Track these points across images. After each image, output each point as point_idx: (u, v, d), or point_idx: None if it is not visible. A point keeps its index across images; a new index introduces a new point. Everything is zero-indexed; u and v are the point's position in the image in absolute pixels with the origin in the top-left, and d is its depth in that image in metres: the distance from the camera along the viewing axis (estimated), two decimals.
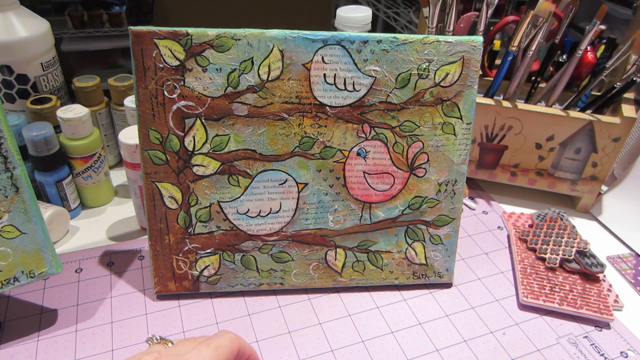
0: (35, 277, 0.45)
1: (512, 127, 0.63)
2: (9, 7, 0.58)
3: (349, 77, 0.46)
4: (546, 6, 0.57)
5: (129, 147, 0.52)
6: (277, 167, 0.47)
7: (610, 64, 0.61)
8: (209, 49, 0.44)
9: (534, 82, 0.66)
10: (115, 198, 0.65)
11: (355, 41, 0.45)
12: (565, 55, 0.68)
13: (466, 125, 0.49)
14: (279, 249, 0.50)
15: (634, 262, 0.60)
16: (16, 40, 0.58)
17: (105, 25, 1.75)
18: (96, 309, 0.49)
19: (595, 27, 0.58)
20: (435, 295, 0.53)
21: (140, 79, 0.44)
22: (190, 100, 0.45)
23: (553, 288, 0.53)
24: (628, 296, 0.55)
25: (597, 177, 0.65)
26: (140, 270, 0.54)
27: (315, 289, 0.52)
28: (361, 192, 0.49)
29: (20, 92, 0.61)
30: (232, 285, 0.51)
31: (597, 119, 0.60)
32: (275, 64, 0.45)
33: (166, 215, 0.48)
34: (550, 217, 0.61)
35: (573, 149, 0.63)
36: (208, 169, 0.47)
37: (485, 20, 0.60)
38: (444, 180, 0.50)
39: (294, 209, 0.49)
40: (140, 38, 0.43)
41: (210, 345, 0.32)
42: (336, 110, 0.47)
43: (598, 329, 0.51)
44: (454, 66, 0.47)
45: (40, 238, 0.44)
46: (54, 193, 0.58)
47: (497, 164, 0.67)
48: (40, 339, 0.46)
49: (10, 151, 0.41)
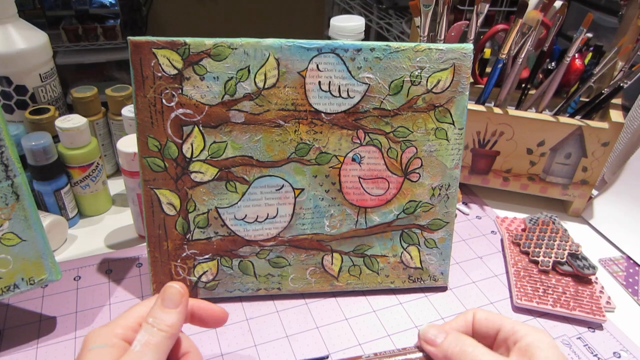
0: (35, 284, 0.45)
1: (504, 133, 0.65)
2: (8, 20, 0.59)
3: (343, 84, 0.47)
4: (534, 15, 0.59)
5: (127, 155, 0.53)
6: (273, 173, 0.48)
7: (597, 71, 0.62)
8: (207, 57, 0.45)
9: (524, 88, 0.67)
10: (112, 207, 0.66)
11: (349, 49, 0.46)
12: (553, 63, 0.70)
13: (458, 130, 0.50)
14: (276, 254, 0.51)
15: (625, 264, 0.61)
16: (15, 52, 0.59)
17: (99, 39, 1.76)
18: (95, 315, 0.50)
19: (582, 34, 0.59)
20: (431, 298, 0.54)
21: (138, 87, 0.45)
22: (188, 108, 0.46)
23: (546, 290, 0.54)
24: (620, 298, 0.56)
25: (587, 182, 0.66)
26: (139, 277, 0.54)
27: (312, 294, 0.53)
28: (357, 197, 0.50)
29: (19, 102, 0.62)
30: (230, 290, 0.51)
31: (586, 125, 0.62)
32: (271, 72, 0.46)
33: (164, 221, 0.48)
34: (543, 221, 0.62)
35: (563, 154, 0.64)
36: (206, 175, 0.47)
37: (476, 29, 0.62)
38: (437, 184, 0.51)
39: (290, 214, 0.50)
40: (139, 48, 0.44)
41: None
42: (331, 117, 0.48)
43: (591, 330, 0.51)
44: (445, 73, 0.48)
45: (40, 245, 0.44)
46: (52, 202, 0.58)
47: (490, 169, 0.68)
48: (40, 346, 0.46)
49: (11, 159, 0.42)
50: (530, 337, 0.38)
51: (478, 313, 0.41)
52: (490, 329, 0.40)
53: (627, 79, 0.60)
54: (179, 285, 0.37)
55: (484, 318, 0.40)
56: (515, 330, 0.38)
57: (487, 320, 0.40)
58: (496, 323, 0.40)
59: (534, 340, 0.37)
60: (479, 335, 0.41)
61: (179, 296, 0.36)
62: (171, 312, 0.36)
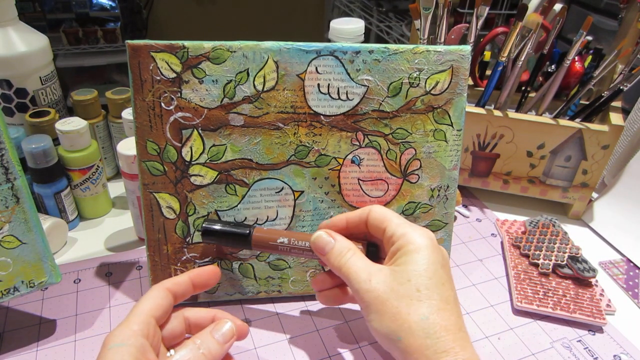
0: (35, 286, 0.45)
1: (504, 136, 0.65)
2: (8, 23, 0.59)
3: (342, 86, 0.47)
4: (534, 18, 0.59)
5: (127, 158, 0.53)
6: (273, 176, 0.48)
7: (597, 74, 0.62)
8: (205, 61, 0.45)
9: (524, 91, 0.67)
10: (112, 209, 0.66)
11: (348, 52, 0.46)
12: (553, 66, 0.70)
13: (457, 131, 0.50)
14: (276, 257, 0.51)
15: (625, 267, 0.61)
16: (15, 54, 0.59)
17: (100, 42, 1.77)
18: (95, 318, 0.50)
19: (582, 37, 0.59)
20: None
21: (137, 91, 0.45)
22: (187, 111, 0.46)
23: (546, 293, 0.54)
24: (620, 301, 0.56)
25: (587, 184, 0.66)
26: (139, 280, 0.54)
27: (313, 296, 0.53)
28: (356, 199, 0.50)
29: (19, 105, 0.62)
30: (230, 293, 0.51)
31: (586, 127, 0.62)
32: (270, 74, 0.46)
33: (164, 225, 0.48)
34: (543, 224, 0.62)
35: (563, 157, 0.64)
36: (205, 178, 0.47)
37: (475, 32, 0.62)
38: (436, 185, 0.51)
39: (290, 216, 0.50)
40: (138, 51, 0.44)
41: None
42: (330, 119, 0.48)
43: (591, 333, 0.51)
44: (443, 75, 0.48)
45: (40, 248, 0.44)
46: (52, 205, 0.58)
47: (490, 172, 0.68)
48: (40, 349, 0.46)
49: (11, 162, 0.42)
50: (402, 239, 0.39)
51: (373, 210, 0.42)
52: (379, 229, 0.41)
53: (627, 81, 0.60)
54: (233, 325, 0.40)
55: (374, 218, 0.42)
56: (393, 232, 0.40)
57: (376, 220, 0.41)
58: (383, 224, 0.41)
59: (404, 244, 0.38)
60: (372, 232, 0.42)
61: (230, 335, 0.39)
62: (218, 344, 0.38)
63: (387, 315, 0.36)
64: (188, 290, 0.42)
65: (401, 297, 0.36)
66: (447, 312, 0.36)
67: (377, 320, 0.37)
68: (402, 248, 0.38)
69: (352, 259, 0.39)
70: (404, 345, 0.35)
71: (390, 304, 0.36)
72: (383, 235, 0.41)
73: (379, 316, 0.36)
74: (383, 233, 0.41)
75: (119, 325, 0.36)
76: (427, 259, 0.37)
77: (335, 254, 0.40)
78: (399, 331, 0.35)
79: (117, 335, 0.35)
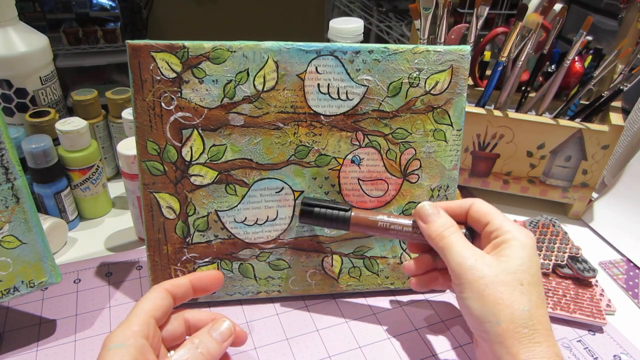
0: (35, 286, 0.45)
1: (504, 136, 0.65)
2: (8, 23, 0.59)
3: (342, 86, 0.47)
4: (534, 18, 0.59)
5: (127, 158, 0.53)
6: (273, 176, 0.48)
7: (597, 74, 0.62)
8: (205, 61, 0.45)
9: (524, 91, 0.67)
10: (112, 209, 0.66)
11: (348, 52, 0.46)
12: (553, 66, 0.70)
13: (456, 131, 0.50)
14: (276, 257, 0.51)
15: (625, 267, 0.61)
16: (15, 55, 0.59)
17: (100, 42, 1.77)
18: (95, 318, 0.50)
19: (582, 37, 0.59)
20: (431, 300, 0.54)
21: (137, 91, 0.45)
22: (187, 111, 0.46)
23: (546, 293, 0.54)
24: (620, 301, 0.56)
25: (587, 184, 0.66)
26: (139, 280, 0.54)
27: (313, 296, 0.53)
28: (356, 199, 0.50)
29: (19, 105, 0.62)
30: (230, 294, 0.51)
31: (586, 127, 0.62)
32: (270, 74, 0.46)
33: (164, 225, 0.48)
34: (543, 224, 0.62)
35: (563, 157, 0.64)
36: (205, 178, 0.47)
37: (475, 32, 0.62)
38: (436, 185, 0.51)
39: (290, 216, 0.50)
40: (138, 51, 0.44)
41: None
42: (330, 119, 0.48)
43: (591, 333, 0.51)
44: (443, 75, 0.48)
45: (40, 248, 0.44)
46: (52, 205, 0.58)
47: (490, 172, 0.68)
48: (40, 349, 0.46)
49: (12, 162, 0.42)
50: (508, 235, 0.40)
51: (476, 203, 0.44)
52: (480, 221, 0.43)
53: (627, 81, 0.60)
54: (231, 324, 0.40)
55: (477, 210, 0.43)
56: (498, 227, 0.41)
57: (479, 212, 0.43)
58: (487, 217, 0.43)
59: (510, 239, 0.40)
60: (471, 223, 0.44)
61: (228, 334, 0.40)
62: (217, 343, 0.39)
63: (490, 299, 0.37)
64: (188, 293, 0.43)
65: (506, 284, 0.38)
66: (543, 310, 0.38)
67: (475, 299, 0.38)
68: (507, 242, 0.40)
69: (455, 234, 0.41)
70: (502, 330, 0.37)
71: (494, 288, 0.38)
72: (483, 228, 0.43)
73: (479, 296, 0.38)
74: (484, 225, 0.43)
75: (118, 326, 0.36)
76: (531, 258, 0.40)
77: (439, 224, 0.42)
78: (500, 315, 0.37)
79: (117, 335, 0.35)
